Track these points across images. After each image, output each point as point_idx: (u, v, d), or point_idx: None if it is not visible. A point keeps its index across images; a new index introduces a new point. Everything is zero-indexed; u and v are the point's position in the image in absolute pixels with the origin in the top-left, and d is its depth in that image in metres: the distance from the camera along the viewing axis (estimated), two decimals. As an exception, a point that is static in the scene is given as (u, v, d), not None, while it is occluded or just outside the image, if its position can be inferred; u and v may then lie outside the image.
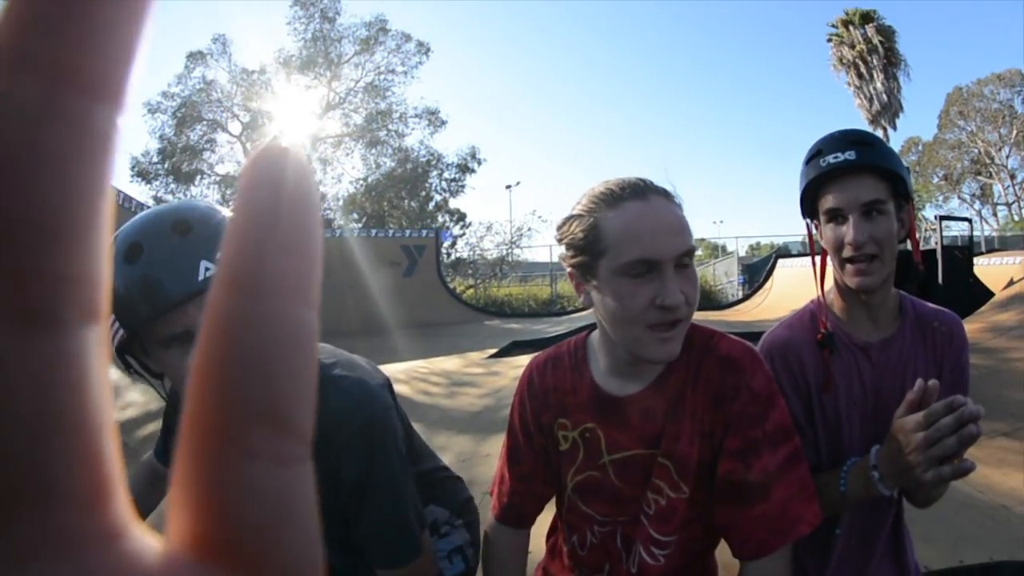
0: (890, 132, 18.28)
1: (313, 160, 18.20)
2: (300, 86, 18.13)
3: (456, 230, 17.26)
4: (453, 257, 15.83)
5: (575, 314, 11.19)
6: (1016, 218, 27.25)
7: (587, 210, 0.80)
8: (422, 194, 18.42)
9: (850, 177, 0.92)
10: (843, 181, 0.93)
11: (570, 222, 0.82)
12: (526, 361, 1.02)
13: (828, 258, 1.00)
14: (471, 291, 14.47)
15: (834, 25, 20.18)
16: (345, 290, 9.70)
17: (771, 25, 65.92)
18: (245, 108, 17.80)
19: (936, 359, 0.98)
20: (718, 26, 73.37)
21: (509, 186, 26.36)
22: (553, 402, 0.92)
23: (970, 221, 8.73)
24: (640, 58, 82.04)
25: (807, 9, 57.07)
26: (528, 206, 64.98)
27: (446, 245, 14.61)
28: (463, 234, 16.84)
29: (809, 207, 1.00)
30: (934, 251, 6.06)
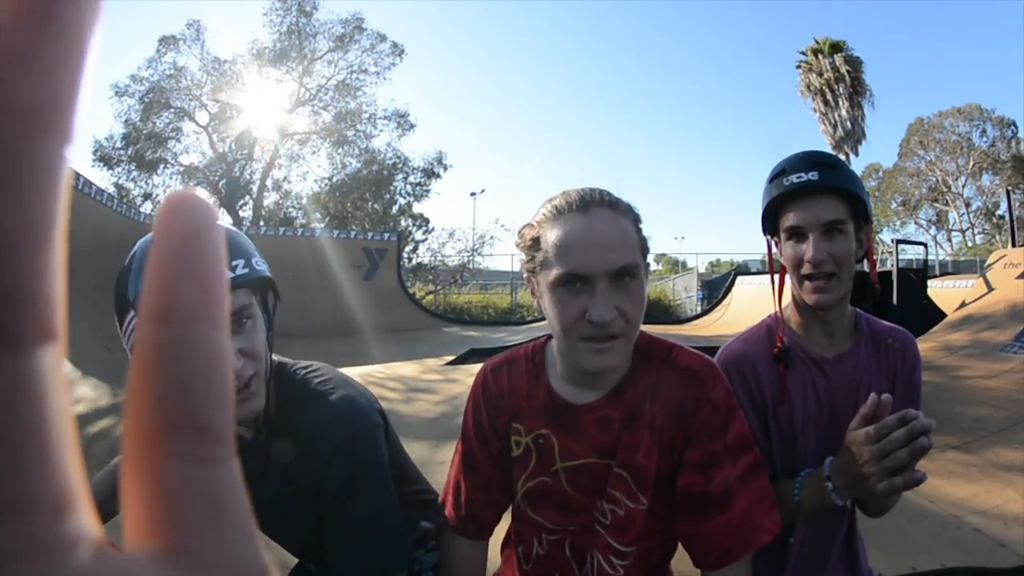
0: (852, 158, 18.84)
1: (280, 155, 17.86)
2: (271, 79, 17.75)
3: (419, 235, 17.19)
4: (414, 262, 15.71)
5: (534, 324, 11.16)
6: (970, 244, 28.36)
7: (537, 221, 0.82)
8: (386, 197, 18.19)
9: (812, 197, 0.94)
10: (805, 200, 0.95)
11: (523, 230, 0.84)
12: (483, 368, 1.00)
13: (787, 274, 1.02)
14: (431, 297, 14.35)
15: (804, 52, 20.80)
16: (306, 290, 9.50)
17: (741, 48, 67.78)
18: (214, 98, 17.31)
19: (889, 375, 1.00)
20: (689, 43, 74.94)
21: (474, 193, 25.88)
22: (507, 406, 0.91)
23: (925, 245, 9.12)
24: (609, 72, 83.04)
25: (777, 33, 59.07)
26: (492, 214, 65.01)
27: (407, 250, 14.51)
28: (425, 239, 16.76)
29: (770, 224, 1.02)
30: (890, 273, 6.26)
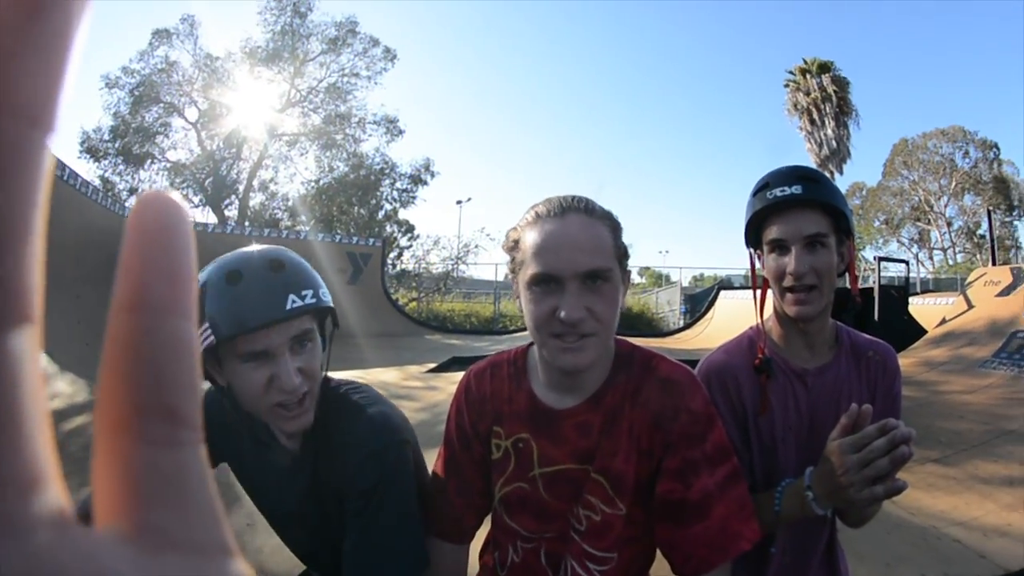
0: (837, 176, 19.19)
1: (268, 155, 17.75)
2: (263, 79, 17.72)
3: (404, 241, 17.12)
4: (399, 268, 15.67)
5: (516, 333, 11.18)
6: (951, 262, 28.95)
7: (519, 224, 0.86)
8: (372, 202, 18.15)
9: (795, 210, 0.96)
10: (788, 214, 0.96)
11: (508, 233, 0.88)
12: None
13: (769, 287, 1.03)
14: (414, 304, 14.30)
15: (792, 72, 21.20)
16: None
17: (729, 64, 68.56)
18: (205, 95, 17.20)
19: (870, 387, 1.01)
20: (678, 59, 75.73)
21: (460, 201, 25.98)
22: (489, 410, 0.92)
23: (907, 263, 9.26)
24: (598, 87, 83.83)
25: (764, 52, 59.98)
26: (477, 223, 65.52)
27: (392, 256, 14.40)
28: (409, 245, 16.70)
29: (753, 237, 1.04)
30: (872, 289, 6.37)
